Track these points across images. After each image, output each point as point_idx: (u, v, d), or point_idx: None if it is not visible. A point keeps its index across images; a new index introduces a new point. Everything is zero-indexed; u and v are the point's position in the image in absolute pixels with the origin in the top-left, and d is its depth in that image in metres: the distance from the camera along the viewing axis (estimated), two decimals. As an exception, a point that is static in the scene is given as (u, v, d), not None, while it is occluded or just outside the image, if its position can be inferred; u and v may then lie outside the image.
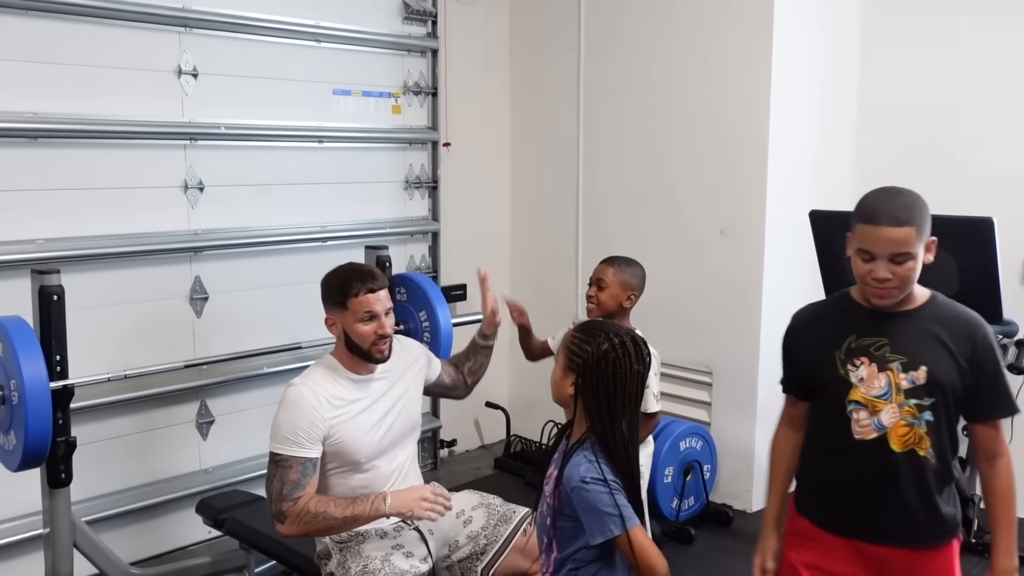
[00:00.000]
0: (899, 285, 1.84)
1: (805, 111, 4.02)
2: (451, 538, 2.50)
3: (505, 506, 2.56)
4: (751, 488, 4.06)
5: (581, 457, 1.83)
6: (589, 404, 1.84)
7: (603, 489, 1.78)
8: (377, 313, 2.42)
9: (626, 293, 2.86)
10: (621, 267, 2.88)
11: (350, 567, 2.35)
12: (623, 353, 1.83)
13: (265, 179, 3.82)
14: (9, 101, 3.08)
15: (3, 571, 3.19)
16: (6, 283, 3.03)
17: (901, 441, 1.89)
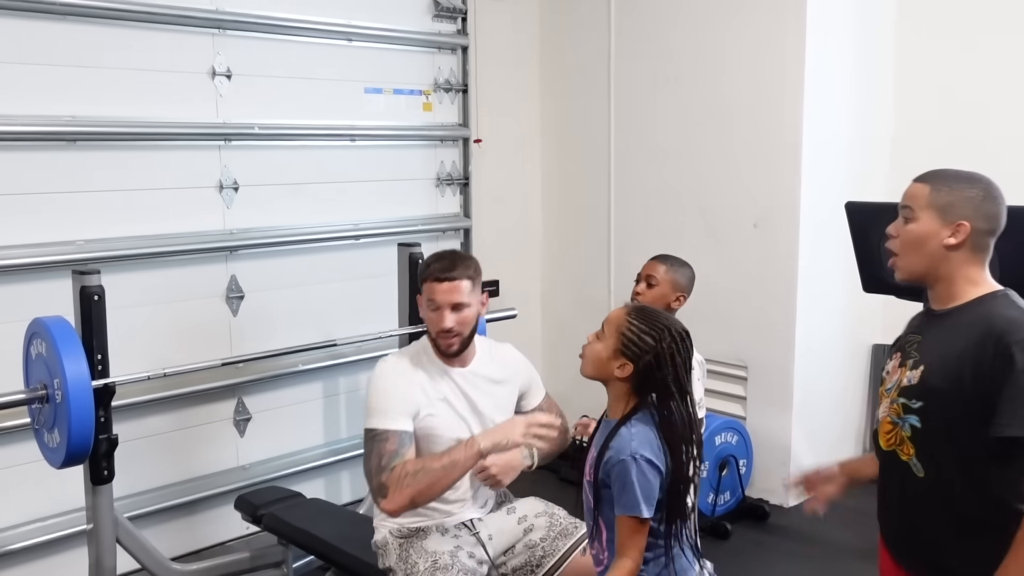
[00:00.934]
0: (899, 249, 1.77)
1: (840, 101, 3.97)
2: (510, 543, 2.45)
3: (568, 520, 2.49)
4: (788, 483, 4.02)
5: (636, 430, 1.86)
6: (642, 392, 1.87)
7: (652, 471, 1.81)
8: (440, 304, 2.33)
9: (676, 294, 2.79)
10: (673, 266, 2.81)
11: (416, 562, 2.28)
12: (682, 347, 1.87)
13: (298, 178, 3.85)
14: (48, 105, 3.13)
15: (49, 565, 3.25)
16: (48, 284, 3.08)
17: (885, 438, 1.81)
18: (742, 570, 3.45)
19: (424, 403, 2.33)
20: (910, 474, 1.74)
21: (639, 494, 1.80)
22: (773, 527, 3.86)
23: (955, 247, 1.70)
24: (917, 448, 1.72)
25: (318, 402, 3.99)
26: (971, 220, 1.68)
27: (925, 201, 1.71)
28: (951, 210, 1.69)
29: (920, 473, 1.72)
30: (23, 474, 3.12)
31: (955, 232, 1.69)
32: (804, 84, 3.75)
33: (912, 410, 1.72)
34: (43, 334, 2.38)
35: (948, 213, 1.69)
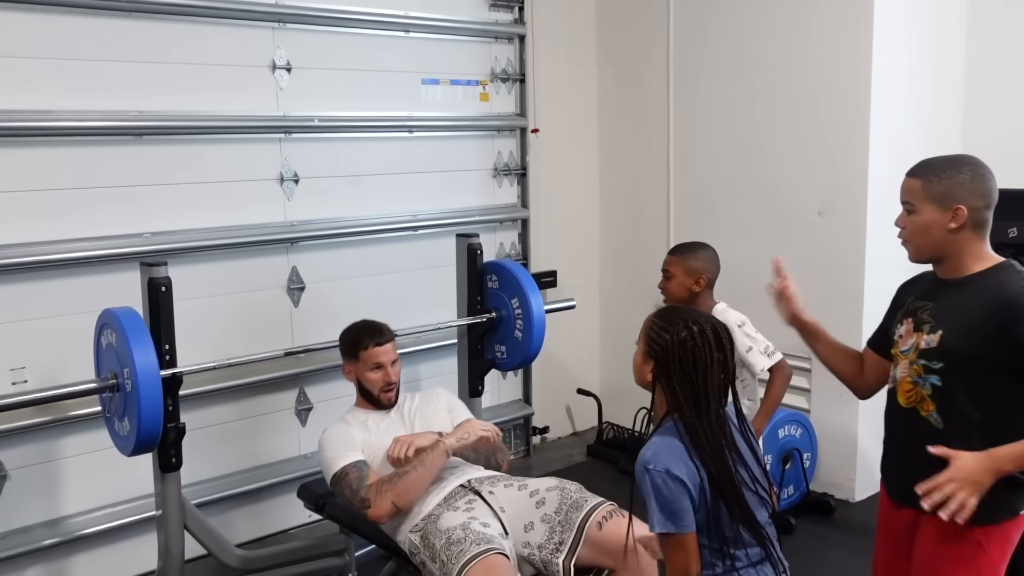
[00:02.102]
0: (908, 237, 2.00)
1: (908, 85, 3.85)
2: (526, 518, 2.49)
3: (580, 493, 2.52)
4: (854, 478, 3.93)
5: (658, 438, 1.80)
6: (670, 392, 1.81)
7: (667, 481, 1.72)
8: (383, 363, 2.82)
9: (693, 278, 2.89)
10: (683, 254, 2.93)
11: (434, 544, 2.38)
12: (703, 341, 1.79)
13: (357, 170, 3.87)
14: (115, 101, 3.20)
15: (120, 550, 3.34)
16: (117, 275, 3.16)
17: (905, 396, 2.01)
18: (806, 566, 3.37)
19: (366, 436, 2.74)
20: (929, 427, 1.94)
21: (656, 509, 1.73)
22: (839, 522, 3.78)
23: (957, 230, 1.92)
24: (937, 404, 1.93)
25: (378, 392, 4.02)
26: (966, 202, 1.90)
27: (921, 194, 1.95)
28: (947, 197, 1.92)
29: (940, 426, 1.93)
30: (95, 461, 3.21)
31: (954, 216, 1.91)
32: (872, 67, 3.64)
33: (933, 370, 1.93)
34: (113, 325, 2.43)
35: (945, 201, 1.92)
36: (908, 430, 2.00)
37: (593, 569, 2.43)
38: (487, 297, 3.34)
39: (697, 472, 1.74)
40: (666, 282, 2.94)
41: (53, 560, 3.20)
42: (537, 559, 2.42)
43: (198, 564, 3.05)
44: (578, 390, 4.81)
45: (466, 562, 2.24)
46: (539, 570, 2.45)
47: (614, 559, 2.37)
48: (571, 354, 4.81)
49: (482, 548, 2.28)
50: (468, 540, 2.31)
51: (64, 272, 3.14)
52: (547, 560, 2.40)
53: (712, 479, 1.75)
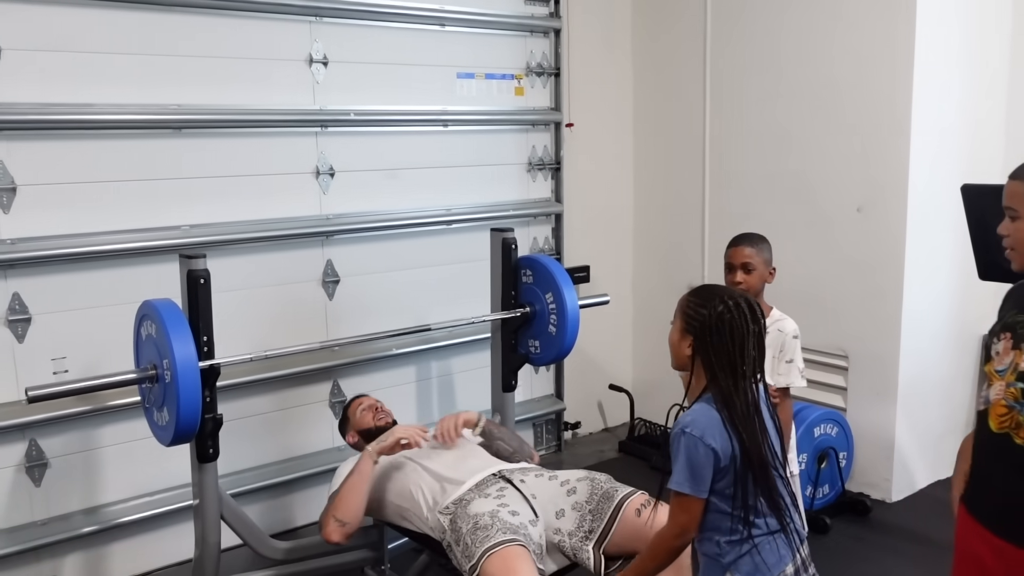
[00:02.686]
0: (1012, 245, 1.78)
1: (952, 79, 3.78)
2: (557, 505, 2.51)
3: (610, 483, 2.55)
4: (890, 478, 3.88)
5: (699, 406, 1.87)
6: (709, 365, 1.87)
7: (700, 445, 1.81)
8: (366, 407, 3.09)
9: (768, 269, 2.83)
10: (759, 245, 2.83)
11: (461, 527, 2.40)
12: (739, 314, 1.85)
13: (392, 163, 3.88)
14: (155, 94, 3.24)
15: (157, 538, 3.39)
16: (156, 267, 3.20)
17: (998, 421, 1.78)
18: (841, 566, 3.34)
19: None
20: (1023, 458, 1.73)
21: (683, 469, 1.82)
22: (875, 522, 3.73)
23: None
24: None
25: (411, 386, 4.04)
26: None
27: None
28: None
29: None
30: (134, 450, 3.26)
31: None
32: (914, 61, 3.58)
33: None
34: (153, 316, 2.45)
35: None
36: (998, 458, 1.81)
37: (623, 556, 2.44)
38: (521, 292, 3.34)
39: (730, 442, 1.82)
40: (746, 276, 2.78)
41: (92, 547, 3.26)
42: (567, 546, 2.44)
43: (233, 553, 3.07)
44: (610, 386, 4.79)
45: (488, 548, 2.26)
46: (569, 557, 2.46)
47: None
48: (604, 349, 4.79)
49: (507, 538, 2.29)
50: (494, 527, 2.33)
51: (104, 264, 3.18)
52: (577, 547, 2.42)
53: (743, 448, 1.83)
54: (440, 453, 2.76)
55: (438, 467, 2.69)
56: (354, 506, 2.66)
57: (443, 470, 2.68)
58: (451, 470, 2.67)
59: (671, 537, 1.89)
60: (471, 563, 2.26)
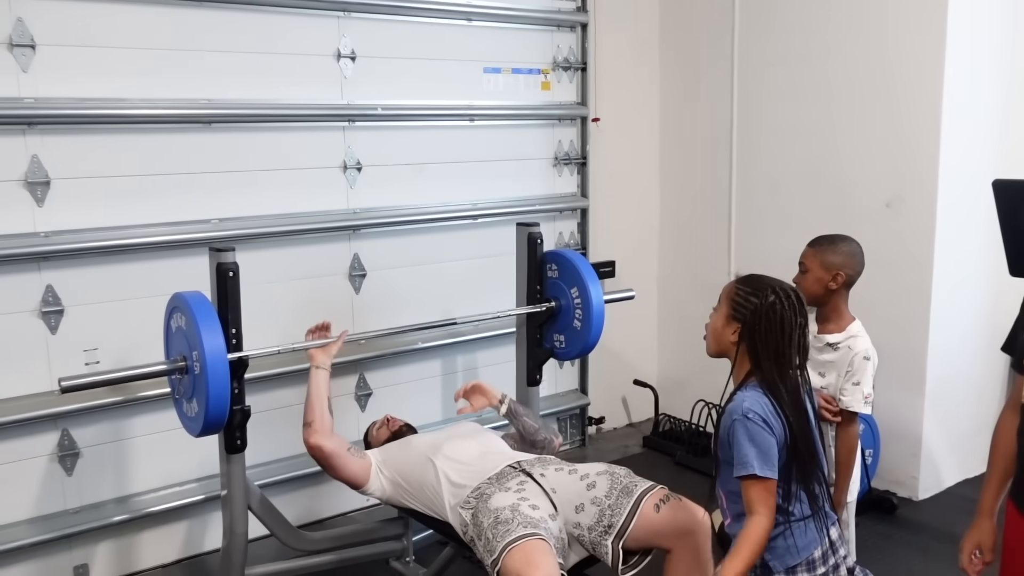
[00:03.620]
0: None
1: (984, 73, 3.74)
2: (577, 500, 2.51)
3: (630, 478, 2.54)
4: (917, 475, 3.86)
5: (750, 392, 1.91)
6: (755, 353, 1.92)
7: (763, 428, 1.86)
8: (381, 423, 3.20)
9: (830, 274, 2.62)
10: (822, 247, 2.66)
11: (482, 521, 2.41)
12: (788, 306, 1.91)
13: (419, 158, 3.90)
14: (186, 89, 3.27)
15: (186, 528, 3.44)
16: (186, 260, 3.24)
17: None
18: (867, 564, 3.25)
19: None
20: None
21: (751, 452, 1.86)
22: (901, 520, 3.71)
23: None
24: None
25: (437, 379, 4.06)
26: None
27: None
28: None
29: None
30: (164, 441, 3.30)
31: None
32: (945, 56, 3.54)
33: None
34: (183, 308, 2.48)
35: None
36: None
37: (641, 551, 2.45)
38: (547, 286, 3.34)
39: (782, 427, 1.89)
40: (800, 276, 2.65)
41: (123, 535, 3.31)
42: (587, 540, 2.45)
43: (260, 543, 3.11)
44: (635, 381, 4.79)
45: (509, 542, 2.27)
46: (588, 551, 2.47)
47: (671, 541, 2.41)
48: (628, 345, 4.79)
49: (528, 531, 2.30)
50: (515, 521, 2.34)
51: (135, 256, 3.22)
52: (596, 541, 2.42)
53: (792, 434, 1.89)
54: (461, 445, 2.78)
55: (460, 459, 2.71)
56: (317, 409, 2.76)
57: (464, 462, 2.69)
58: (472, 462, 2.68)
59: (766, 523, 1.88)
60: (492, 557, 2.28)
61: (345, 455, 2.76)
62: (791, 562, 1.92)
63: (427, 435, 2.98)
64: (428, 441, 2.86)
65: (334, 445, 2.74)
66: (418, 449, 2.81)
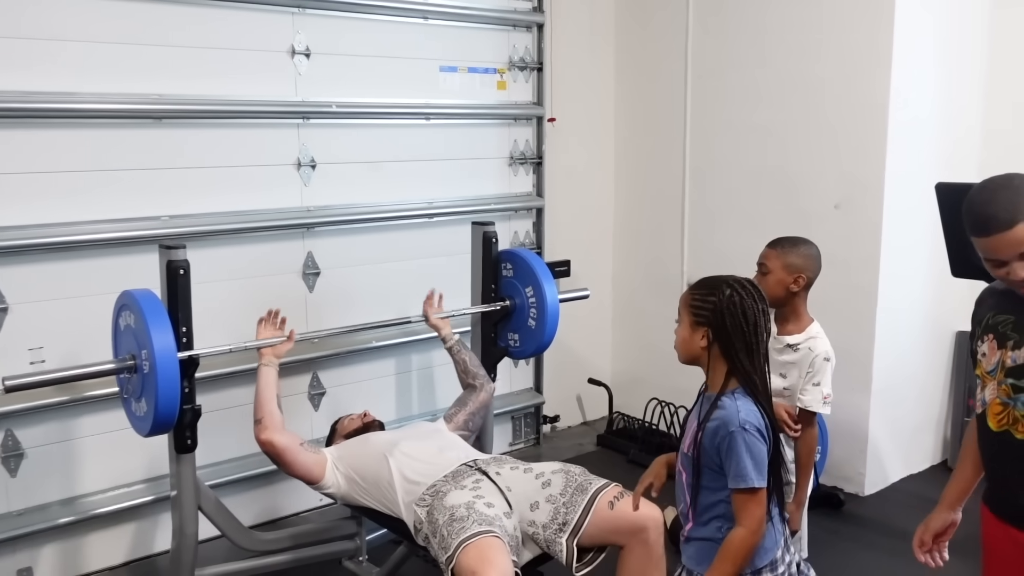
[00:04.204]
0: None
1: (929, 79, 3.84)
2: (532, 498, 2.53)
3: (584, 476, 2.57)
4: (864, 471, 3.94)
5: (740, 402, 1.89)
6: (729, 350, 1.91)
7: (758, 439, 1.86)
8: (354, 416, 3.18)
9: (792, 276, 2.61)
10: (784, 248, 2.65)
11: (437, 519, 2.42)
12: (747, 295, 1.90)
13: (374, 156, 3.88)
14: (136, 84, 3.22)
15: (135, 530, 3.39)
16: (135, 258, 3.19)
17: (996, 420, 1.82)
18: (815, 560, 3.32)
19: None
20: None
21: (750, 464, 1.84)
22: (848, 516, 3.78)
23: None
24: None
25: (391, 378, 4.04)
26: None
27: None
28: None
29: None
30: (112, 441, 3.25)
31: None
32: (892, 61, 3.63)
33: (1022, 389, 1.74)
34: (132, 306, 2.45)
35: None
36: (1004, 455, 1.83)
37: (594, 548, 2.48)
38: (502, 285, 3.35)
39: (768, 432, 1.89)
40: (761, 277, 2.62)
41: (69, 538, 3.24)
42: (541, 538, 2.47)
43: (211, 545, 3.08)
44: (589, 380, 4.82)
45: (464, 539, 2.28)
46: (543, 549, 2.49)
47: (625, 537, 2.45)
48: (583, 344, 4.82)
49: (483, 529, 2.32)
50: (470, 519, 2.35)
51: (84, 254, 3.16)
52: (550, 539, 2.44)
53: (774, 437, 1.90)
54: (418, 443, 2.78)
55: (416, 457, 2.71)
56: (267, 405, 2.74)
57: (421, 460, 2.69)
58: (428, 460, 2.69)
59: (751, 534, 1.87)
60: (447, 554, 2.28)
61: (298, 450, 2.74)
62: (759, 564, 1.92)
63: (385, 433, 2.98)
64: (386, 439, 2.85)
65: (286, 440, 2.71)
66: (375, 446, 2.81)
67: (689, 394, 4.72)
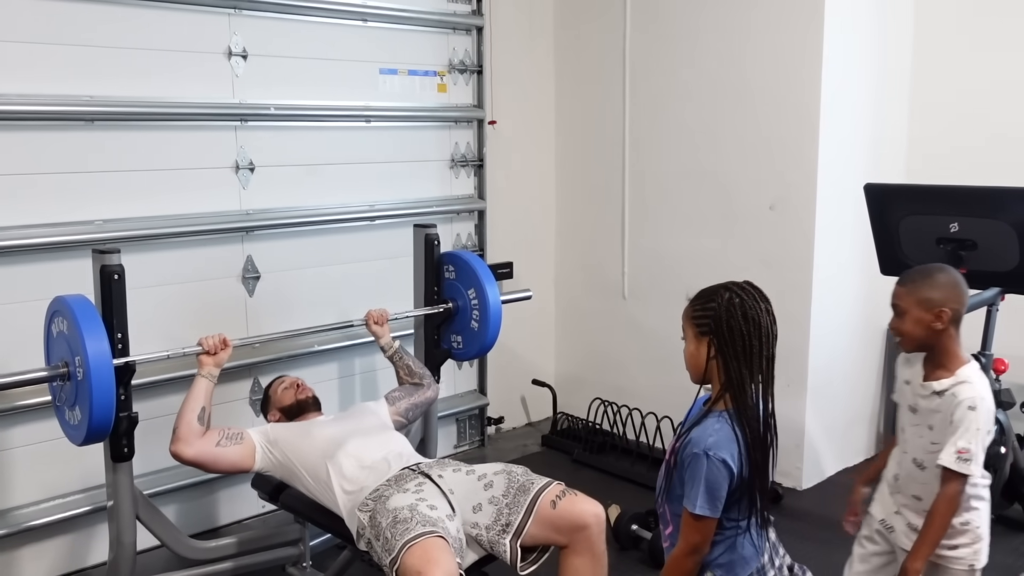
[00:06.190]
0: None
1: (858, 83, 3.95)
2: (474, 500, 2.54)
3: (527, 476, 2.59)
4: (801, 466, 4.03)
5: (719, 424, 1.84)
6: (726, 356, 1.84)
7: (719, 469, 1.80)
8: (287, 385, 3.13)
9: (931, 313, 2.18)
10: (915, 282, 2.23)
11: (380, 522, 2.40)
12: (747, 295, 1.85)
13: (314, 159, 3.85)
14: (66, 85, 3.15)
15: (70, 541, 3.30)
16: (68, 263, 3.11)
17: None
18: None
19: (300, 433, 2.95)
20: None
21: (702, 491, 1.81)
22: (786, 509, 3.87)
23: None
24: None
25: (334, 382, 4.02)
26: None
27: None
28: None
29: None
30: (44, 451, 3.17)
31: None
32: (822, 65, 3.73)
33: None
34: (64, 312, 2.39)
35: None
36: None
37: (539, 547, 2.49)
38: (444, 288, 3.36)
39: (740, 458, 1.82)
40: (898, 321, 2.24)
41: (0, 552, 3.15)
42: (484, 540, 2.47)
43: (151, 555, 3.02)
44: (533, 381, 4.85)
45: (407, 541, 2.28)
46: (486, 550, 2.50)
47: (567, 536, 2.46)
48: (526, 345, 4.85)
49: (426, 530, 2.31)
50: (414, 520, 2.35)
51: (13, 259, 3.08)
52: (494, 540, 2.45)
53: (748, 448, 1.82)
54: (360, 445, 2.76)
55: (357, 461, 2.69)
56: (185, 416, 2.67)
57: (362, 464, 2.68)
58: (370, 465, 2.68)
59: (683, 556, 1.87)
60: (391, 556, 2.28)
61: (214, 452, 2.69)
62: (742, 574, 1.90)
63: (328, 428, 2.89)
64: (327, 437, 2.80)
65: (196, 450, 2.65)
66: (315, 444, 2.77)
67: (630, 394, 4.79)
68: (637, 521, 3.45)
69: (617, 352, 4.66)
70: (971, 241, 3.08)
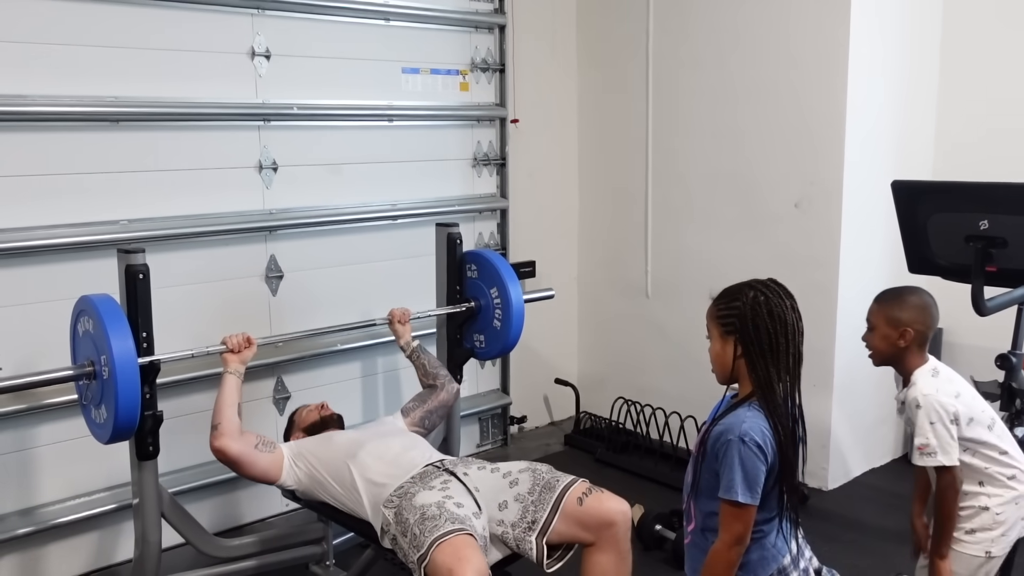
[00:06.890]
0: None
1: (884, 79, 3.90)
2: (500, 497, 2.53)
3: (552, 473, 2.57)
4: (827, 467, 3.99)
5: (752, 412, 1.85)
6: (753, 355, 1.86)
7: (756, 454, 1.81)
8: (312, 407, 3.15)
9: (897, 331, 2.33)
10: (886, 301, 2.39)
11: (407, 518, 2.39)
12: (772, 293, 1.87)
13: (336, 158, 3.86)
14: (93, 87, 3.17)
15: (97, 539, 3.33)
16: (94, 263, 3.14)
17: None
18: None
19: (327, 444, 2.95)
20: None
21: (739, 477, 1.80)
22: (812, 510, 3.83)
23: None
24: None
25: (356, 381, 4.02)
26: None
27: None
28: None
29: None
30: (71, 449, 3.19)
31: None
32: (848, 62, 3.68)
33: None
34: (90, 312, 2.41)
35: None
36: None
37: (563, 545, 2.48)
38: (466, 287, 3.35)
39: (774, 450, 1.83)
40: (869, 335, 2.43)
41: (28, 549, 3.18)
42: (510, 537, 2.46)
43: (175, 552, 3.03)
44: (556, 380, 4.84)
45: (437, 538, 2.27)
46: (512, 548, 2.49)
47: (593, 533, 2.45)
48: (549, 344, 4.83)
49: (455, 527, 2.30)
50: (442, 518, 2.34)
51: (40, 259, 3.11)
52: (520, 538, 2.44)
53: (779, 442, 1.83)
54: (383, 445, 2.76)
55: (381, 458, 2.70)
56: (225, 412, 2.69)
57: (386, 462, 2.68)
58: (394, 462, 2.67)
59: (726, 548, 1.85)
60: (420, 552, 2.27)
61: (253, 453, 2.71)
62: (763, 574, 1.90)
63: (348, 433, 2.95)
64: (348, 440, 2.83)
65: (239, 447, 2.68)
66: (337, 448, 2.78)
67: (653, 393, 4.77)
68: (661, 521, 3.43)
69: (640, 351, 4.64)
70: (1001, 239, 3.01)
